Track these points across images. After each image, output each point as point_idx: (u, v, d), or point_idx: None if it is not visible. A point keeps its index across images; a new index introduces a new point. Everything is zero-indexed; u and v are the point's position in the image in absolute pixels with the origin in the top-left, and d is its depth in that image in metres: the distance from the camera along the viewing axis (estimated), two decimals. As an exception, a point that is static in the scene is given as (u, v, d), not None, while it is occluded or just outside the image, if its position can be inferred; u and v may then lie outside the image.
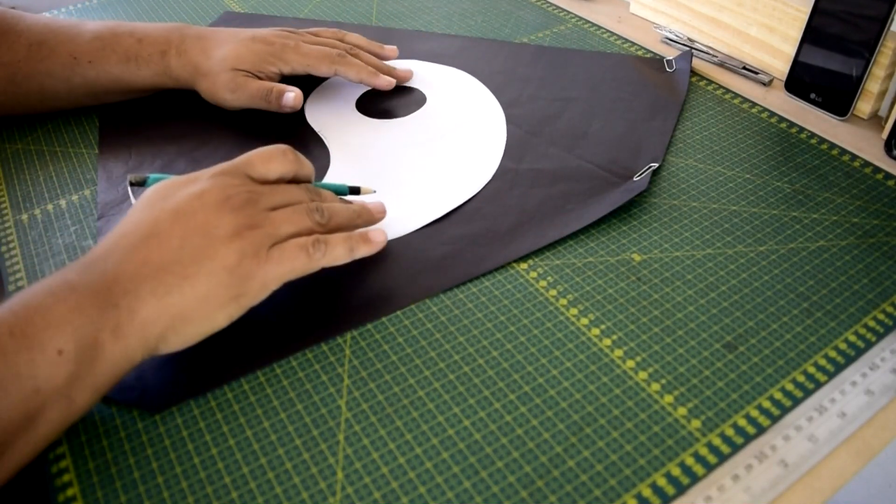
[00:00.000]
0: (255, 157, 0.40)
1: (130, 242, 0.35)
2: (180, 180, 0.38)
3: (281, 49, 0.55)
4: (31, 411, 0.31)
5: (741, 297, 0.41)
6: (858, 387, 0.36)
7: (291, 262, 0.37)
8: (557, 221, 0.47)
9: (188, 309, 0.34)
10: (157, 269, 0.34)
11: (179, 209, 0.36)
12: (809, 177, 0.50)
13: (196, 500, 0.33)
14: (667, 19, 0.69)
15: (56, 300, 0.32)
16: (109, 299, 0.33)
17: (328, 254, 0.39)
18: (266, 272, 0.36)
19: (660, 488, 0.32)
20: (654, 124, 0.55)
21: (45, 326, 0.31)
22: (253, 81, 0.54)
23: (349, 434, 0.35)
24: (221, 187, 0.37)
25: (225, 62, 0.54)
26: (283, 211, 0.39)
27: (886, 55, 0.52)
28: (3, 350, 0.31)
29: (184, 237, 0.35)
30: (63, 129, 0.58)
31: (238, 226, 0.36)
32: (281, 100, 0.54)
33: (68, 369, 0.31)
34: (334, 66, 0.56)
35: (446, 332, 0.40)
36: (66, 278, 0.34)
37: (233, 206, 0.37)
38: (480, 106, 0.59)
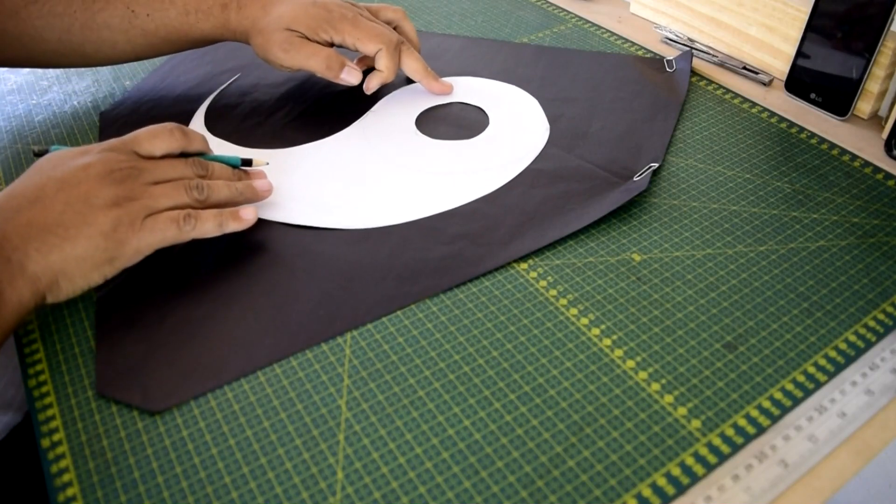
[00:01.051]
0: (142, 135, 0.43)
1: (18, 204, 0.39)
2: (72, 152, 0.42)
3: (339, 18, 0.55)
4: None
5: (741, 297, 0.41)
6: (858, 387, 0.36)
7: (163, 232, 0.41)
8: (557, 221, 0.47)
9: (68, 267, 0.38)
10: (41, 229, 0.38)
11: (65, 178, 0.40)
12: (809, 177, 0.50)
13: (196, 500, 0.33)
14: (667, 19, 0.69)
15: None
16: (1, 255, 0.36)
17: (197, 227, 0.42)
18: (139, 239, 0.40)
19: (660, 488, 0.32)
20: (654, 124, 0.55)
21: None
22: (307, 44, 0.55)
23: (349, 434, 0.35)
24: (106, 161, 0.41)
25: (281, 20, 0.54)
26: (162, 186, 0.42)
27: (886, 55, 0.52)
28: None
29: (66, 203, 0.39)
30: (63, 129, 0.58)
31: (117, 197, 0.40)
32: (342, 72, 0.55)
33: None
34: (380, 46, 0.55)
35: (446, 332, 0.40)
36: None
37: (114, 178, 0.40)
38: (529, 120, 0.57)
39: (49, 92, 0.63)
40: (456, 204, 0.48)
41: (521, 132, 0.55)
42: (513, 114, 0.57)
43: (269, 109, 0.59)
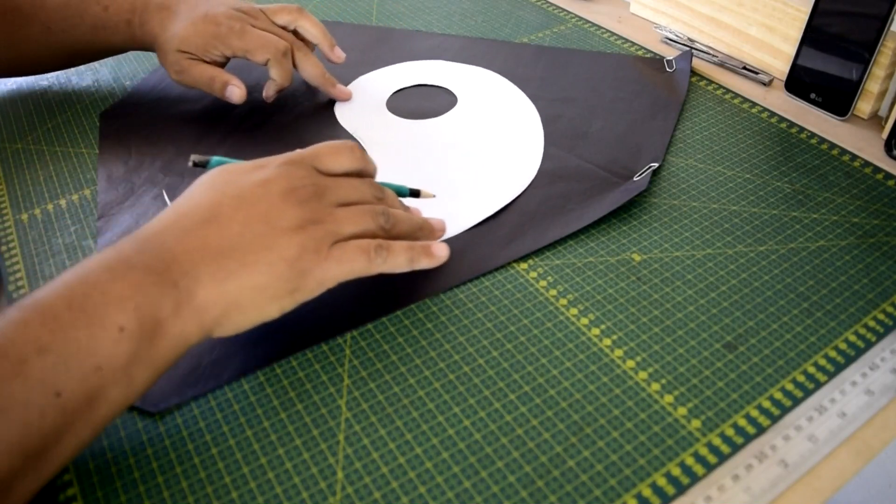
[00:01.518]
0: (323, 150, 0.39)
1: (190, 223, 0.34)
2: (246, 166, 0.37)
3: (226, 32, 0.54)
4: (93, 391, 0.30)
5: (741, 297, 0.41)
6: (858, 387, 0.36)
7: (351, 264, 0.36)
8: (557, 221, 0.47)
9: (244, 297, 0.34)
10: (217, 253, 0.34)
11: (243, 195, 0.35)
12: (809, 177, 0.50)
13: (196, 500, 0.33)
14: (667, 19, 0.69)
15: (114, 276, 0.31)
16: (169, 278, 0.32)
17: (388, 260, 0.38)
18: (325, 270, 0.36)
19: (660, 488, 0.32)
20: (654, 124, 0.55)
21: (106, 303, 0.31)
22: (197, 65, 0.55)
23: (349, 434, 0.35)
24: (288, 177, 0.36)
25: (172, 41, 0.54)
26: (348, 209, 0.38)
27: (886, 55, 0.52)
28: (62, 325, 0.30)
29: (245, 224, 0.34)
30: (63, 129, 0.58)
31: (302, 219, 0.35)
32: (225, 91, 0.55)
33: (130, 347, 0.31)
34: (267, 56, 0.55)
35: (446, 332, 0.40)
36: (122, 254, 0.33)
37: (298, 198, 0.36)
38: (513, 105, 0.59)
39: (49, 92, 0.63)
40: (461, 228, 0.47)
41: (520, 144, 0.55)
42: (510, 121, 0.57)
43: (269, 110, 0.59)
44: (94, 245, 0.47)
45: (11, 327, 0.29)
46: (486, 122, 0.57)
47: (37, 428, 0.28)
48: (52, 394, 0.29)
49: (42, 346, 0.29)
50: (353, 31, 0.70)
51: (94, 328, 0.30)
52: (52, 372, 0.29)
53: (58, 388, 0.29)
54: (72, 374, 0.29)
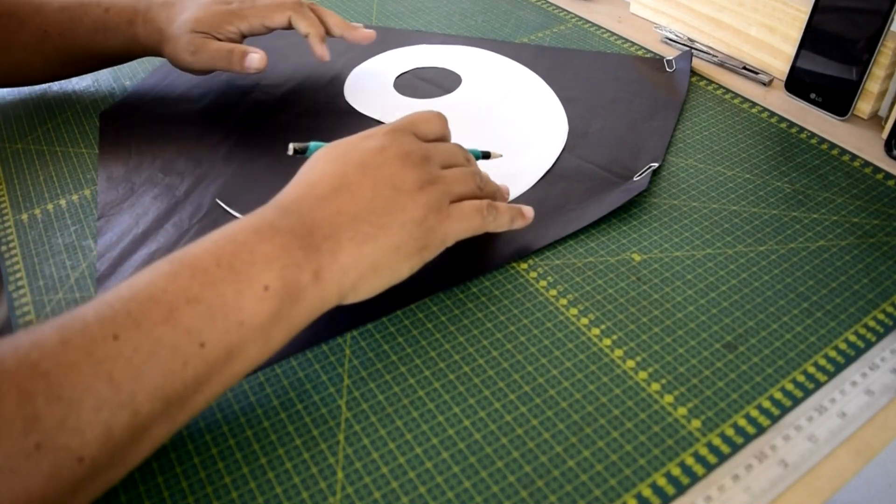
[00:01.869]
0: (417, 118, 0.41)
1: (322, 192, 0.36)
2: (354, 138, 0.39)
3: (238, 8, 0.56)
4: (233, 345, 0.31)
5: (741, 297, 0.41)
6: (858, 387, 0.36)
7: (469, 221, 0.39)
8: (557, 221, 0.47)
9: (381, 258, 0.36)
10: (353, 218, 0.35)
11: (366, 163, 0.37)
12: (809, 177, 0.50)
13: (196, 500, 0.33)
14: (667, 19, 0.69)
15: (261, 238, 0.33)
16: (312, 242, 0.34)
17: (497, 220, 0.41)
18: (447, 228, 0.38)
19: (660, 488, 0.32)
20: (654, 124, 0.55)
21: (252, 262, 0.32)
22: (212, 42, 0.55)
23: (349, 434, 0.35)
24: (400, 143, 0.39)
25: (185, 25, 0.54)
26: (453, 171, 0.40)
27: (886, 55, 0.52)
28: (212, 279, 0.31)
29: (374, 189, 0.36)
30: (63, 129, 0.58)
31: (420, 181, 0.37)
32: (244, 61, 0.55)
33: (272, 306, 0.32)
34: (288, 13, 0.56)
35: (446, 332, 0.40)
36: (265, 219, 0.34)
37: (413, 161, 0.38)
38: (521, 80, 0.61)
39: (49, 92, 0.63)
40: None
41: (541, 125, 0.56)
42: (530, 105, 0.59)
43: (268, 110, 0.59)
44: (93, 245, 0.47)
45: (163, 278, 0.31)
46: (497, 98, 0.59)
47: (180, 375, 0.30)
48: (197, 344, 0.30)
49: (191, 297, 0.30)
50: (354, 31, 0.70)
51: (241, 285, 0.31)
52: (199, 322, 0.30)
53: (202, 339, 0.30)
54: (216, 326, 0.31)
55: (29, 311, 0.43)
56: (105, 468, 0.29)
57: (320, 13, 0.58)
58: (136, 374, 0.29)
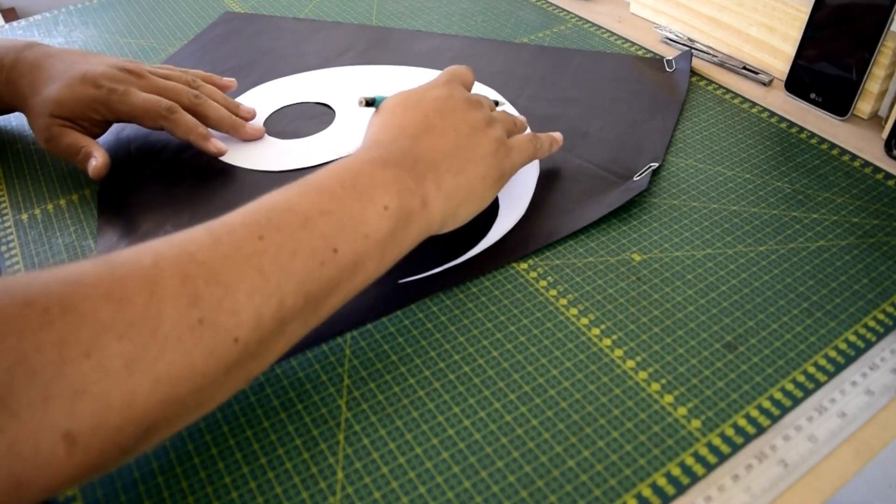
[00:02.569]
0: (457, 71, 0.47)
1: (414, 132, 0.40)
2: (419, 90, 0.44)
3: (107, 94, 0.49)
4: (358, 256, 0.34)
5: (741, 297, 0.41)
6: (858, 387, 0.36)
7: (525, 152, 0.45)
8: (557, 221, 0.47)
9: (474, 186, 0.41)
10: (446, 154, 0.40)
11: (440, 108, 0.42)
12: (809, 177, 0.50)
13: (196, 500, 0.33)
14: (667, 19, 0.69)
15: (375, 167, 0.37)
16: (418, 172, 0.38)
17: (541, 147, 0.47)
18: (513, 158, 0.44)
19: (660, 488, 0.32)
20: (654, 124, 0.55)
21: (373, 185, 0.36)
22: (67, 135, 0.49)
23: (349, 434, 0.35)
24: (459, 91, 0.44)
25: (45, 105, 0.49)
26: (497, 112, 0.46)
27: (886, 55, 0.52)
28: (338, 197, 0.35)
29: (455, 129, 0.41)
30: (63, 129, 0.58)
31: (485, 119, 0.43)
32: (87, 164, 0.49)
33: (390, 224, 0.35)
34: (160, 121, 0.50)
35: (446, 332, 0.40)
36: (374, 154, 0.38)
37: (475, 105, 0.43)
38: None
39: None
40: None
41: None
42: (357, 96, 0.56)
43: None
44: (94, 245, 0.47)
45: (296, 195, 0.34)
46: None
47: (317, 275, 0.33)
48: (331, 249, 0.33)
49: (323, 210, 0.34)
50: (353, 31, 0.70)
51: (364, 202, 0.35)
52: (332, 230, 0.33)
53: (335, 245, 0.33)
54: (346, 235, 0.34)
55: (29, 311, 0.42)
56: (253, 355, 0.31)
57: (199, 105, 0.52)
58: (283, 268, 0.31)
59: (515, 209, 0.47)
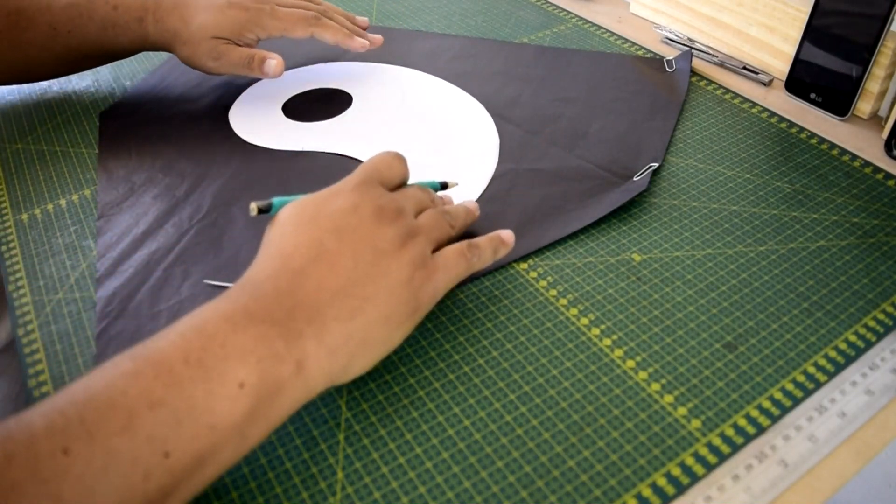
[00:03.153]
0: (380, 165, 0.39)
1: (299, 265, 0.33)
2: (319, 197, 0.36)
3: (257, 14, 0.56)
4: (204, 450, 0.28)
5: (741, 297, 0.41)
6: (858, 387, 0.36)
7: (455, 269, 0.37)
8: (557, 221, 0.47)
9: (371, 332, 0.33)
10: (336, 293, 0.32)
11: (339, 227, 0.34)
12: (809, 177, 0.50)
13: (196, 501, 0.33)
14: (667, 19, 0.69)
15: (234, 327, 0.30)
16: (293, 327, 0.31)
17: (480, 257, 0.38)
18: (435, 282, 0.36)
19: (660, 488, 0.32)
20: (654, 124, 0.55)
21: (225, 357, 0.29)
22: (234, 49, 0.55)
23: (349, 434, 0.35)
24: (370, 199, 0.36)
25: (204, 30, 0.55)
26: (424, 217, 0.38)
27: (886, 55, 0.52)
28: (179, 380, 0.28)
29: (354, 256, 0.33)
30: (63, 129, 0.58)
31: (400, 236, 0.35)
32: (263, 66, 0.56)
33: (248, 404, 0.29)
34: (311, 28, 0.57)
35: (446, 332, 0.40)
36: (238, 304, 0.31)
37: (388, 217, 0.35)
38: (428, 97, 0.59)
39: (49, 92, 0.63)
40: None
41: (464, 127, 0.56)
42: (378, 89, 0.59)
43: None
44: (93, 245, 0.47)
45: (123, 379, 0.28)
46: (391, 113, 0.57)
47: (141, 490, 0.26)
48: (161, 453, 0.27)
49: (154, 401, 0.27)
50: (353, 31, 0.70)
51: (212, 384, 0.28)
52: (163, 429, 0.27)
53: (167, 448, 0.27)
54: (183, 432, 0.27)
55: (29, 311, 0.43)
56: None
57: (331, 16, 0.59)
58: (88, 493, 0.25)
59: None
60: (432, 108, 0.58)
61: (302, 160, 0.53)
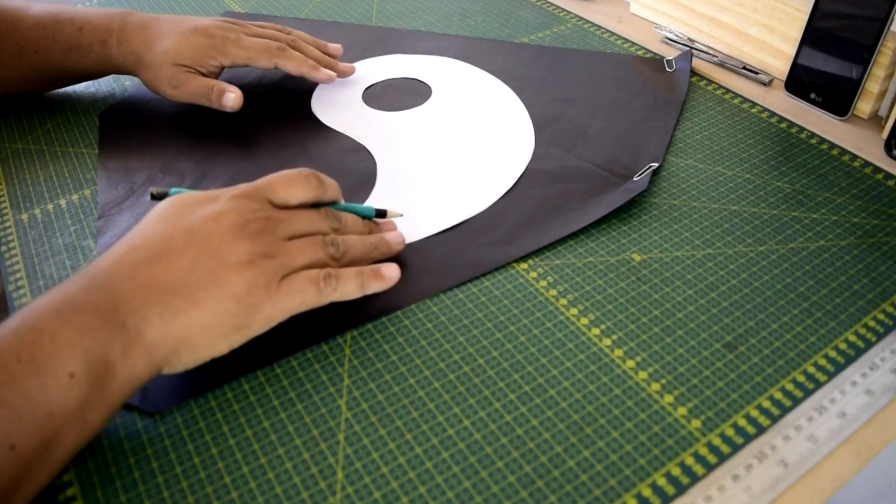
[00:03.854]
0: (277, 181, 0.39)
1: (139, 258, 0.34)
2: (198, 197, 0.37)
3: (222, 42, 0.55)
4: (47, 438, 0.30)
5: (741, 297, 0.41)
6: (858, 387, 0.36)
7: (301, 296, 0.36)
8: (557, 221, 0.47)
9: (192, 335, 0.34)
10: (165, 290, 0.33)
11: (193, 229, 0.35)
12: (809, 177, 0.50)
13: (196, 500, 0.33)
14: (667, 19, 0.69)
15: (63, 322, 0.31)
16: (116, 319, 0.32)
17: (339, 289, 0.38)
18: (274, 304, 0.36)
19: (660, 488, 0.32)
20: (654, 124, 0.55)
21: (54, 350, 0.31)
22: (194, 78, 0.55)
23: (349, 434, 0.35)
24: (240, 211, 0.36)
25: (166, 56, 0.54)
26: (298, 241, 0.38)
27: (886, 55, 0.52)
28: (13, 376, 0.30)
29: (195, 259, 0.34)
30: (63, 129, 0.58)
31: (252, 253, 0.35)
32: (221, 99, 0.55)
33: (81, 392, 0.31)
34: (274, 59, 0.56)
35: (446, 332, 0.40)
36: (69, 296, 0.33)
37: (249, 232, 0.36)
38: (495, 97, 0.60)
39: (49, 92, 0.63)
40: (442, 227, 0.47)
41: (508, 131, 0.56)
42: (498, 121, 0.57)
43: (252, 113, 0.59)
44: (94, 245, 0.47)
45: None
46: (467, 114, 0.58)
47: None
48: (7, 447, 0.29)
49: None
50: (353, 31, 0.70)
51: (45, 377, 0.30)
52: (6, 425, 0.29)
53: (12, 441, 0.29)
54: (25, 424, 0.29)
55: (29, 311, 0.43)
56: None
57: (299, 46, 0.58)
58: None
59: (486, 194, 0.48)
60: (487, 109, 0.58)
61: (303, 159, 0.53)
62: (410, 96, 0.60)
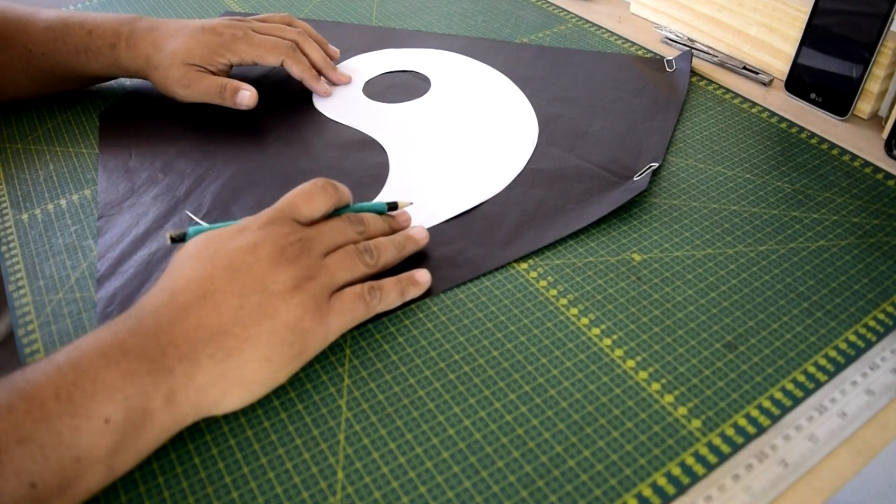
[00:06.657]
0: (298, 199, 0.39)
1: (185, 301, 0.34)
2: (226, 232, 0.37)
3: (231, 40, 0.55)
4: (69, 479, 0.29)
5: (741, 297, 0.41)
6: (859, 386, 0.36)
7: (352, 313, 0.37)
8: (557, 221, 0.47)
9: (248, 373, 0.33)
10: (216, 332, 0.33)
11: (233, 265, 0.35)
12: (809, 177, 0.50)
13: (196, 500, 0.33)
14: (667, 19, 0.69)
15: (108, 364, 0.31)
16: (164, 364, 0.32)
17: (383, 300, 0.39)
18: (328, 325, 0.36)
19: (660, 488, 0.32)
20: (654, 124, 0.55)
21: (94, 393, 0.30)
22: (205, 77, 0.55)
23: (349, 434, 0.35)
24: (273, 238, 0.36)
25: (176, 56, 0.54)
26: (335, 257, 0.38)
27: (886, 55, 0.52)
28: (48, 414, 0.29)
29: (241, 296, 0.34)
30: (63, 129, 0.58)
31: (296, 278, 0.35)
32: (236, 97, 0.55)
33: (113, 439, 0.30)
34: (282, 57, 0.57)
35: (446, 332, 0.40)
36: (117, 337, 0.32)
37: (288, 258, 0.36)
38: (497, 89, 0.60)
39: (49, 92, 0.63)
40: (458, 211, 0.48)
41: (512, 127, 0.56)
42: (501, 107, 0.58)
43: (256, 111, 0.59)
44: (93, 245, 0.47)
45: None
46: (468, 103, 0.58)
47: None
48: (27, 485, 0.28)
49: (23, 437, 0.28)
50: (353, 31, 0.70)
51: (79, 419, 0.30)
52: (30, 462, 0.28)
53: (33, 480, 0.28)
54: (50, 465, 0.29)
55: (29, 311, 0.43)
56: None
57: (305, 49, 0.59)
58: None
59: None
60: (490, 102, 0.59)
61: (303, 160, 0.53)
62: (410, 88, 0.61)
